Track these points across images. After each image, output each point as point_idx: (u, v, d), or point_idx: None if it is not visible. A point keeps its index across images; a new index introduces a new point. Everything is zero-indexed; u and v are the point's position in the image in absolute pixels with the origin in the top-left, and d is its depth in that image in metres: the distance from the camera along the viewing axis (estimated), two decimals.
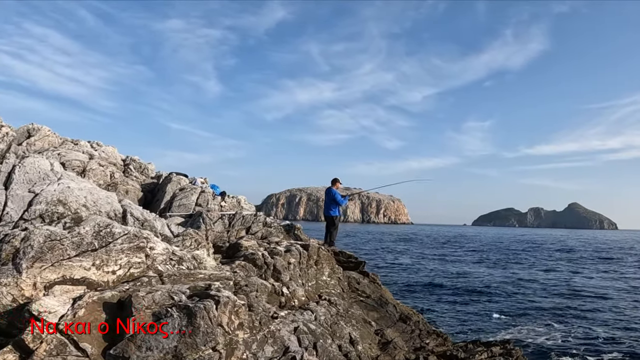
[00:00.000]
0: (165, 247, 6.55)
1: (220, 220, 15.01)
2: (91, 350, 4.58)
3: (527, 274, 33.42)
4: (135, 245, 6.02)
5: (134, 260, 5.97)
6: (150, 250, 6.26)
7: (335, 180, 15.35)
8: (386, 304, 13.59)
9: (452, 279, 29.46)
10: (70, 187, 7.85)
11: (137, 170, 18.56)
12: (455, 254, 50.28)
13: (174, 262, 6.55)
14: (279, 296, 9.96)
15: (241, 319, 5.63)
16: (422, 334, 13.08)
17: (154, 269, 6.20)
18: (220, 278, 6.51)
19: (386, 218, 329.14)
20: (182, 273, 6.18)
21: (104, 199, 8.13)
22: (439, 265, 37.61)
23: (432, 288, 25.61)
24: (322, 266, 12.49)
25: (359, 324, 10.59)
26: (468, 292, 24.88)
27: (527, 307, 21.31)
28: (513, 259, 46.22)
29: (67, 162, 14.50)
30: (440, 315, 19.44)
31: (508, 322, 18.45)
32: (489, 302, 22.30)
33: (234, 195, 20.19)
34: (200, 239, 8.86)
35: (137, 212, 8.43)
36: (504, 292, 25.16)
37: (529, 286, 27.40)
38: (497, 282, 28.58)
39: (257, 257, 10.15)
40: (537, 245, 77.98)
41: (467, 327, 17.47)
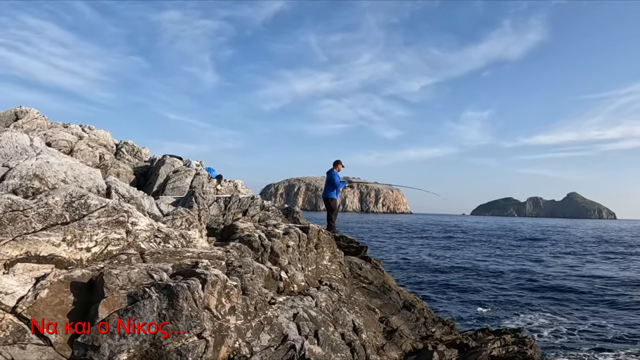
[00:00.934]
0: (149, 223, 5.85)
1: (216, 203, 14.32)
2: (55, 338, 3.90)
3: (534, 262, 32.82)
4: (114, 219, 5.32)
5: (112, 236, 5.27)
6: (131, 226, 5.56)
7: (337, 162, 14.69)
8: (389, 291, 12.94)
9: (456, 267, 28.85)
10: (50, 162, 7.14)
11: (129, 154, 17.83)
12: (459, 243, 49.67)
13: (159, 239, 5.86)
14: (276, 281, 9.29)
15: (233, 303, 4.95)
16: (427, 322, 12.46)
17: (136, 247, 5.51)
18: (210, 257, 5.83)
19: (385, 208, 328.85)
20: (168, 251, 5.49)
21: (86, 175, 7.43)
22: (442, 253, 37.01)
23: (435, 276, 25.00)
24: (322, 250, 11.81)
25: (363, 311, 9.93)
26: (471, 280, 24.27)
27: (534, 296, 20.71)
28: (520, 248, 45.66)
29: (53, 142, 13.76)
30: (443, 303, 18.83)
31: (514, 310, 17.83)
32: (494, 290, 21.69)
33: (231, 180, 19.51)
34: (192, 219, 8.17)
35: (122, 188, 7.74)
36: (510, 280, 24.55)
37: (536, 275, 26.80)
38: (502, 270, 27.97)
39: (254, 239, 9.46)
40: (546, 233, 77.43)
41: (471, 315, 16.85)
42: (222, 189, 17.13)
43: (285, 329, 7.00)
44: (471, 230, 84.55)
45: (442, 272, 26.28)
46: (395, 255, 34.35)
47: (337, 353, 7.68)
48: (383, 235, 58.77)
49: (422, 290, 20.43)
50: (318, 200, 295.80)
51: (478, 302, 19.19)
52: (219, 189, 16.88)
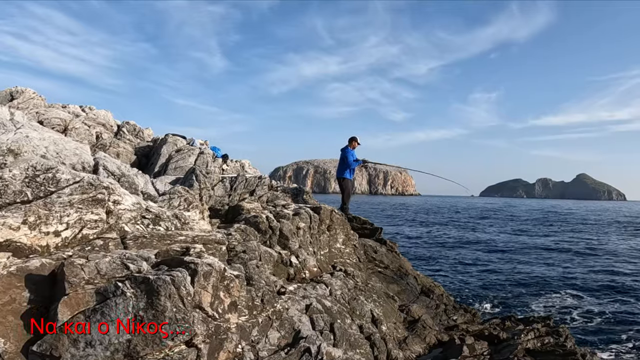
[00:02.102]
0: (135, 202, 4.94)
1: (221, 184, 13.42)
2: (4, 346, 3.02)
3: (553, 242, 31.81)
4: (91, 197, 4.41)
5: (88, 217, 4.37)
6: (113, 205, 4.65)
7: (352, 139, 13.70)
8: (406, 276, 12.04)
9: (469, 248, 27.91)
10: (30, 136, 6.25)
11: (131, 133, 16.90)
12: (473, 225, 48.65)
13: (148, 221, 4.95)
14: (286, 267, 8.39)
15: (234, 297, 4.03)
16: (447, 309, 11.57)
17: (118, 229, 4.61)
18: (207, 241, 4.92)
19: (393, 189, 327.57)
20: (156, 235, 4.58)
21: (71, 150, 6.52)
22: (454, 234, 36.04)
23: (449, 257, 24.09)
24: (335, 232, 10.90)
25: (381, 299, 9.04)
26: (487, 261, 23.34)
27: (553, 275, 19.77)
28: (536, 227, 44.63)
29: (45, 120, 12.85)
30: (460, 286, 17.93)
31: (534, 292, 16.91)
32: (511, 273, 20.75)
33: (238, 159, 18.59)
34: (192, 198, 7.27)
35: (112, 165, 6.83)
36: (529, 261, 23.60)
37: (555, 254, 25.86)
38: (518, 252, 27.01)
39: (261, 221, 8.56)
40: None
41: (490, 298, 15.92)
42: (228, 168, 16.23)
43: (297, 324, 6.11)
44: (483, 211, 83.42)
45: (455, 254, 25.35)
46: (407, 236, 33.46)
47: (356, 349, 6.80)
48: (393, 216, 57.85)
49: (437, 273, 19.54)
50: (327, 183, 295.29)
51: (496, 284, 18.28)
52: (224, 169, 15.98)
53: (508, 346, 7.78)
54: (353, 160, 13.69)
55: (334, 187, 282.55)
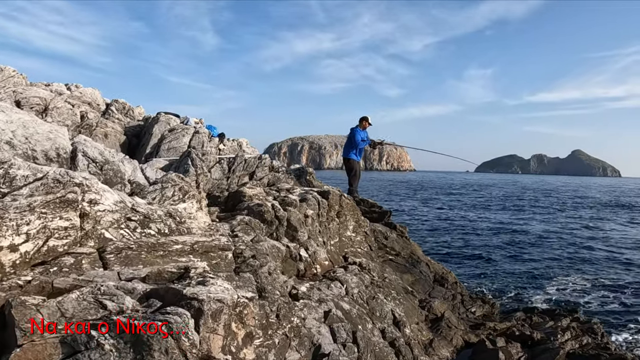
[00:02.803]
0: (118, 200, 3.95)
1: (218, 165, 12.40)
2: None
3: (556, 221, 31.02)
4: (58, 197, 3.42)
5: (55, 224, 3.38)
6: (89, 206, 3.67)
7: (363, 118, 12.73)
8: (418, 263, 11.20)
9: (472, 227, 27.08)
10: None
11: (120, 112, 15.76)
12: (471, 201, 47.85)
13: (135, 223, 3.97)
14: (296, 262, 7.45)
15: (249, 327, 3.07)
16: (464, 299, 10.78)
17: (97, 237, 3.63)
18: (209, 249, 3.96)
19: (389, 165, 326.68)
20: (145, 244, 3.61)
21: (43, 134, 5.50)
22: (456, 213, 35.20)
23: (454, 238, 23.25)
24: (345, 219, 9.97)
25: (400, 295, 8.13)
26: (492, 243, 22.53)
27: (562, 255, 18.98)
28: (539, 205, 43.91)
29: (23, 99, 11.70)
30: (468, 269, 17.09)
31: (545, 275, 16.08)
32: (521, 255, 19.93)
33: (235, 138, 17.53)
34: (188, 187, 6.27)
35: (93, 151, 5.81)
36: (533, 241, 22.81)
37: (560, 233, 25.07)
38: (527, 232, 26.21)
39: (266, 210, 7.60)
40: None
41: (500, 285, 15.04)
42: (225, 148, 15.19)
43: (316, 337, 5.19)
44: (481, 187, 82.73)
45: (459, 235, 24.51)
46: (409, 216, 32.60)
47: None
48: (392, 194, 56.98)
49: (445, 257, 18.68)
50: (322, 159, 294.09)
51: (506, 268, 17.46)
52: (221, 149, 14.94)
53: (547, 351, 6.91)
54: (360, 140, 12.73)
55: (328, 163, 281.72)
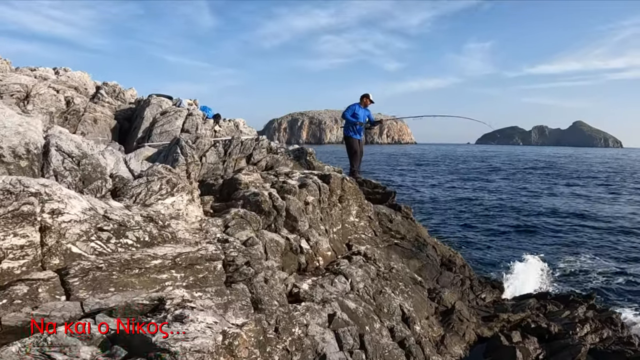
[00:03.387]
0: (87, 208, 3.41)
1: (213, 149, 11.85)
2: None
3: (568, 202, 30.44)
4: (10, 212, 2.88)
5: (8, 243, 2.86)
6: (51, 218, 3.13)
7: (363, 96, 12.01)
8: (425, 246, 10.72)
9: (476, 203, 26.56)
10: None
11: (110, 95, 15.09)
12: (473, 175, 47.22)
13: (108, 233, 3.44)
14: (296, 255, 6.96)
15: (241, 358, 2.57)
16: (473, 284, 10.32)
17: (62, 255, 3.11)
18: (195, 261, 3.43)
19: (390, 138, 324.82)
20: (118, 262, 3.08)
21: (11, 128, 4.93)
22: (459, 186, 34.63)
23: (457, 216, 22.74)
24: (348, 204, 9.45)
25: (408, 287, 7.63)
26: (497, 218, 22.05)
27: (565, 235, 18.50)
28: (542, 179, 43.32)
29: (2, 87, 11.01)
30: (474, 249, 16.63)
31: (554, 254, 15.61)
32: (527, 230, 19.46)
33: (231, 119, 16.92)
34: (176, 179, 5.73)
35: (69, 144, 5.26)
36: (544, 218, 22.30)
37: (564, 208, 24.54)
38: (533, 206, 25.70)
39: (263, 200, 7.08)
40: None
41: (511, 265, 14.57)
42: (220, 130, 14.59)
43: (320, 345, 4.70)
44: (484, 159, 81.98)
45: (464, 210, 24.01)
46: (410, 192, 32.06)
47: None
48: (393, 169, 56.39)
49: (450, 236, 18.20)
50: (322, 134, 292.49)
51: (513, 244, 17.00)
52: (217, 130, 14.36)
53: (567, 347, 6.43)
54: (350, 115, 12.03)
55: (329, 138, 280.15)
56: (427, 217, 21.59)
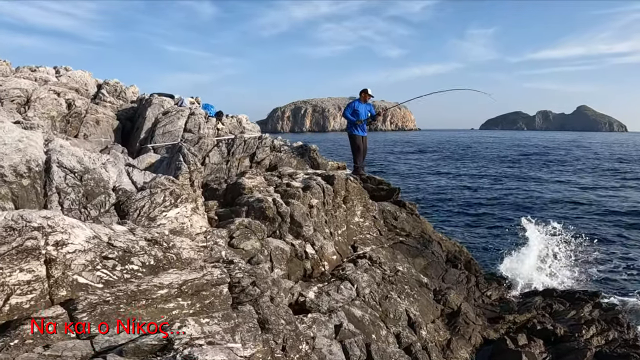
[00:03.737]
0: (91, 236, 3.40)
1: (217, 149, 11.87)
2: None
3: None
4: (14, 248, 2.88)
5: (15, 279, 2.86)
6: (55, 250, 3.13)
7: (362, 91, 11.84)
8: (430, 243, 10.70)
9: (480, 193, 26.49)
10: None
11: (111, 95, 15.06)
12: (478, 162, 47.05)
13: (114, 261, 3.43)
14: (302, 261, 6.98)
15: None
16: (479, 281, 10.31)
17: (69, 286, 3.11)
18: (200, 287, 3.44)
19: (393, 125, 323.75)
20: (124, 293, 3.08)
21: (12, 145, 4.93)
22: (463, 175, 34.52)
23: (461, 206, 22.64)
24: (352, 204, 9.45)
25: (414, 290, 7.64)
26: (500, 207, 21.95)
27: (580, 226, 18.39)
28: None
29: (2, 92, 10.98)
30: (477, 241, 16.55)
31: (563, 247, 15.50)
32: (532, 225, 19.34)
33: (233, 115, 16.87)
34: (179, 190, 5.73)
35: (71, 159, 5.25)
36: (549, 207, 22.20)
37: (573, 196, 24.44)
38: (538, 194, 25.61)
39: (267, 206, 7.08)
40: None
41: (517, 258, 14.49)
42: (223, 127, 14.57)
43: (328, 358, 4.72)
44: (488, 145, 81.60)
45: (468, 200, 23.85)
46: (415, 181, 31.98)
47: None
48: (395, 157, 56.21)
49: (455, 229, 18.13)
50: (325, 121, 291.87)
51: (518, 235, 16.90)
52: (220, 128, 14.33)
53: (573, 351, 6.43)
54: (350, 112, 11.89)
55: (332, 126, 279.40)
56: (432, 209, 21.52)
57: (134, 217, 5.19)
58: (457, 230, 17.60)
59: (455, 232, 16.93)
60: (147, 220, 5.24)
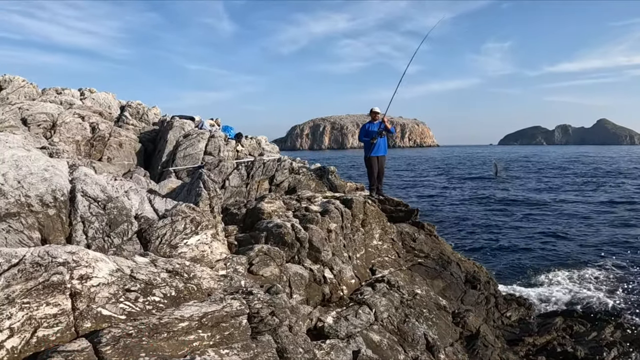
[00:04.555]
0: (114, 269, 3.51)
1: (236, 172, 12.02)
2: None
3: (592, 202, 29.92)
4: (41, 283, 3.00)
5: (42, 312, 2.97)
6: (80, 283, 3.24)
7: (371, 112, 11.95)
8: (449, 264, 10.68)
9: (497, 211, 26.29)
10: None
11: (134, 117, 15.38)
12: (507, 181, 46.70)
13: (136, 293, 3.54)
14: (320, 285, 7.03)
15: None
16: (498, 302, 10.27)
17: (93, 318, 3.21)
18: (220, 319, 3.51)
19: (411, 142, 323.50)
20: (147, 327, 3.17)
21: (38, 173, 5.09)
22: (481, 193, 34.29)
23: (478, 225, 22.45)
24: (371, 227, 9.51)
25: (433, 313, 7.64)
26: (525, 228, 21.74)
27: (584, 243, 18.14)
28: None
29: (29, 117, 11.34)
30: (501, 263, 16.39)
31: (580, 264, 15.29)
32: (552, 244, 19.14)
33: (253, 136, 17.07)
34: (200, 217, 5.84)
35: (94, 188, 5.39)
36: (572, 224, 21.94)
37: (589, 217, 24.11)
38: (560, 212, 25.33)
39: (286, 232, 7.16)
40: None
41: (537, 278, 14.32)
42: (243, 149, 14.75)
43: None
44: (509, 161, 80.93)
45: (488, 219, 23.71)
46: (433, 199, 31.85)
47: None
48: (416, 176, 56.11)
49: (474, 248, 18.00)
50: (344, 139, 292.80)
51: (538, 254, 16.71)
52: (239, 150, 14.51)
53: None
54: (363, 137, 12.01)
55: (351, 143, 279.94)
56: (452, 229, 21.40)
57: (156, 244, 5.31)
58: (476, 250, 17.48)
59: (475, 252, 16.83)
60: (168, 247, 5.36)
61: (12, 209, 4.65)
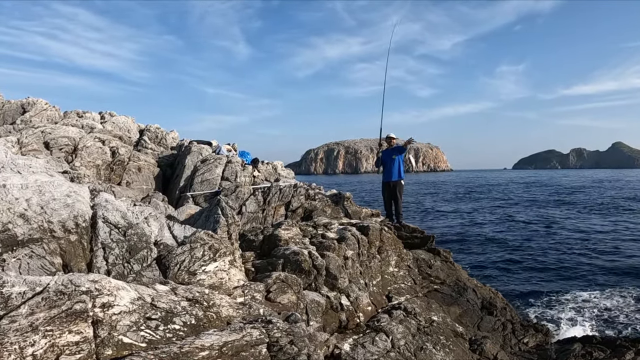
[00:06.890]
0: (135, 298, 3.55)
1: (253, 197, 12.09)
2: None
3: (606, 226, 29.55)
4: (64, 311, 3.05)
5: (64, 340, 3.01)
6: (102, 312, 3.28)
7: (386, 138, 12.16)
8: (465, 290, 10.60)
9: (513, 233, 26.03)
10: (7, 185, 4.89)
11: (152, 141, 15.60)
12: (509, 202, 46.33)
13: (157, 322, 3.56)
14: (337, 312, 7.02)
15: None
16: (515, 328, 10.12)
17: (114, 345, 3.24)
18: (240, 348, 3.52)
19: (425, 166, 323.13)
20: (167, 355, 3.19)
21: (61, 199, 5.17)
22: (494, 216, 34.02)
23: (493, 248, 22.24)
24: (387, 254, 9.49)
25: (450, 340, 7.57)
26: (534, 250, 21.48)
27: (602, 265, 17.87)
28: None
29: (51, 141, 11.58)
30: (518, 288, 16.19)
31: (598, 287, 15.07)
32: (570, 269, 18.89)
33: (269, 162, 17.18)
34: (218, 244, 5.88)
35: (115, 215, 5.46)
36: (590, 248, 21.65)
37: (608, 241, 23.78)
38: (578, 235, 25.03)
39: (303, 259, 7.18)
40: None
41: (555, 303, 14.16)
42: (259, 175, 14.84)
43: None
44: (522, 187, 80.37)
45: (499, 243, 23.48)
46: (445, 223, 31.66)
47: None
48: (433, 202, 55.86)
49: (491, 272, 17.81)
50: (358, 163, 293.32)
51: (555, 281, 16.49)
52: (256, 175, 14.60)
53: None
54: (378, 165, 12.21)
55: (365, 167, 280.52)
56: (467, 254, 21.23)
57: (175, 271, 5.35)
58: (492, 276, 17.31)
59: (491, 278, 16.66)
60: (187, 274, 5.40)
61: (35, 234, 4.72)
